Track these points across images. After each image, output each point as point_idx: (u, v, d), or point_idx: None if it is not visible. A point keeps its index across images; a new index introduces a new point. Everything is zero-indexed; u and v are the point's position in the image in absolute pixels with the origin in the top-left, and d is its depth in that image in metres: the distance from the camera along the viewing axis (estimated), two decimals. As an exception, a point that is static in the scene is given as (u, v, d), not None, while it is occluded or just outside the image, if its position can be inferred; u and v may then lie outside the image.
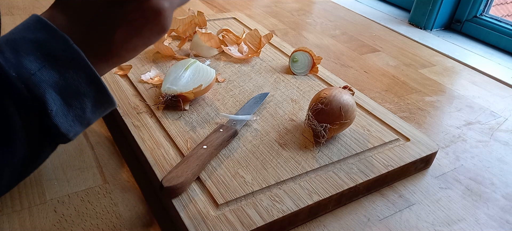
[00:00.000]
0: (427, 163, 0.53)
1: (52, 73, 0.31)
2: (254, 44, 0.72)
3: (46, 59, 0.31)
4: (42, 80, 0.30)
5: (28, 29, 0.32)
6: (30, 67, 0.30)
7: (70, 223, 0.40)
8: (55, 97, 0.31)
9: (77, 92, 0.32)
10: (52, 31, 0.32)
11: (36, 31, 0.32)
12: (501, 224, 0.46)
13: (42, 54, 0.31)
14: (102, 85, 0.34)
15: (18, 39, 0.31)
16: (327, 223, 0.43)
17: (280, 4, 1.11)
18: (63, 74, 0.31)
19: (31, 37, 0.31)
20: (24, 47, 0.31)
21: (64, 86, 0.32)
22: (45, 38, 0.31)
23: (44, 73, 0.31)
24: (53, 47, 0.31)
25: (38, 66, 0.31)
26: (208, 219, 0.38)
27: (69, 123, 0.33)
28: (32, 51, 0.31)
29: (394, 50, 0.90)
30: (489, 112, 0.69)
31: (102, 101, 0.35)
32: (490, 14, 1.03)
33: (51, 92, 0.31)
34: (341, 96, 0.49)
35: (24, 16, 0.83)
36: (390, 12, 1.15)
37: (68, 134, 0.33)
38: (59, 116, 0.32)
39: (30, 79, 0.30)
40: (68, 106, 0.32)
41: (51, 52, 0.31)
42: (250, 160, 0.46)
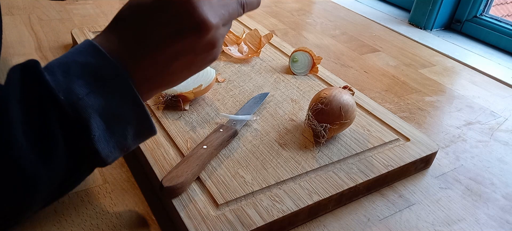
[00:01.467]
0: (427, 163, 0.53)
1: (98, 99, 0.32)
2: (254, 44, 0.72)
3: (95, 85, 0.32)
4: (88, 106, 0.31)
5: (80, 53, 0.33)
6: (78, 92, 0.31)
7: (70, 223, 0.40)
8: (99, 122, 0.32)
9: (121, 119, 0.33)
10: (102, 57, 0.32)
11: (87, 56, 0.32)
12: (501, 224, 0.46)
13: (91, 79, 0.32)
14: (146, 114, 0.34)
15: (70, 62, 0.32)
16: (327, 223, 0.43)
17: (280, 4, 1.11)
18: (109, 101, 0.32)
19: (82, 60, 0.32)
20: (75, 70, 0.32)
21: (109, 113, 0.32)
22: (95, 63, 0.32)
23: (91, 98, 0.31)
24: (102, 73, 0.32)
25: (86, 91, 0.31)
26: (208, 219, 0.38)
27: (109, 149, 0.33)
28: (81, 75, 0.32)
29: (394, 50, 0.90)
30: (489, 112, 0.69)
31: (144, 129, 0.35)
32: (490, 14, 1.03)
33: (96, 117, 0.32)
34: (341, 96, 0.49)
35: (24, 16, 0.83)
36: (390, 12, 1.15)
37: (107, 159, 0.33)
38: (101, 141, 0.32)
39: (77, 103, 0.31)
40: (111, 132, 0.33)
41: (100, 78, 0.32)
42: (250, 160, 0.46)
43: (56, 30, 0.78)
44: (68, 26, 0.81)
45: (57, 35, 0.77)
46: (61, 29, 0.79)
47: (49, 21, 0.82)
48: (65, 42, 0.74)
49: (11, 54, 0.68)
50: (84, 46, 0.33)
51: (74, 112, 0.31)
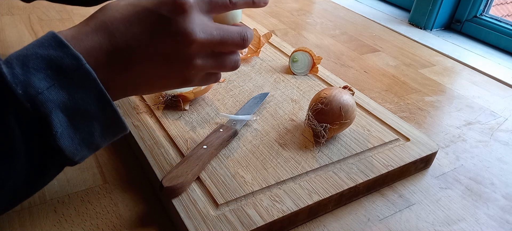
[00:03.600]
0: (427, 163, 0.53)
1: (60, 93, 0.30)
2: (254, 44, 0.72)
3: (56, 78, 0.30)
4: (49, 100, 0.29)
5: (41, 46, 0.31)
6: (38, 86, 0.29)
7: (70, 223, 0.40)
8: (61, 118, 0.30)
9: (86, 114, 0.31)
10: (65, 49, 0.31)
11: (49, 48, 0.31)
12: (501, 224, 0.46)
13: (52, 72, 0.30)
14: (113, 109, 0.32)
15: (30, 55, 0.30)
16: (327, 223, 0.43)
17: (280, 4, 1.11)
18: (72, 95, 0.30)
19: (44, 53, 0.30)
20: (35, 63, 0.30)
21: (72, 108, 0.30)
22: (57, 55, 0.30)
23: (52, 92, 0.30)
24: (64, 66, 0.30)
25: (47, 85, 0.29)
26: (208, 219, 0.38)
27: (74, 146, 0.31)
28: (42, 68, 0.30)
29: (394, 50, 0.90)
30: (489, 112, 0.69)
31: (113, 126, 0.34)
32: (490, 14, 1.03)
33: (57, 113, 0.30)
34: (341, 96, 0.49)
35: (24, 16, 0.83)
36: (390, 12, 1.15)
37: (74, 157, 0.32)
38: (64, 138, 0.30)
39: (36, 98, 0.29)
40: (75, 129, 0.31)
41: (62, 71, 0.30)
42: (250, 160, 0.46)
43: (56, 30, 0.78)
44: (68, 26, 0.81)
45: (57, 35, 0.77)
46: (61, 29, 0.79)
47: (49, 21, 0.82)
48: (65, 42, 0.74)
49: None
50: (46, 38, 0.31)
51: (33, 107, 0.29)
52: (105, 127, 0.33)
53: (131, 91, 0.37)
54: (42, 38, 0.31)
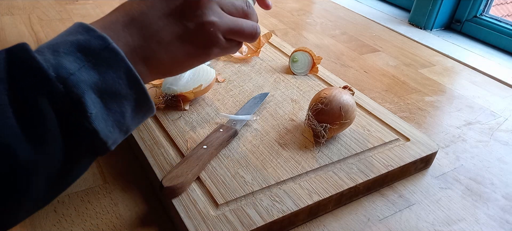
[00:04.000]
0: (427, 163, 0.53)
1: (91, 73, 0.30)
2: (254, 44, 0.71)
3: (86, 59, 0.30)
4: (81, 81, 0.29)
5: (70, 33, 0.32)
6: (69, 67, 0.29)
7: (70, 223, 0.40)
8: (94, 99, 0.30)
9: (117, 94, 0.32)
10: (91, 32, 0.31)
11: (77, 34, 0.32)
12: (501, 224, 0.46)
13: (82, 54, 0.30)
14: (142, 88, 0.33)
15: (60, 42, 0.31)
16: (327, 223, 0.43)
17: (280, 4, 1.11)
18: (102, 75, 0.31)
19: (72, 39, 0.31)
20: (65, 48, 0.30)
21: (104, 88, 0.31)
22: (85, 39, 0.31)
23: (83, 73, 0.30)
24: (92, 47, 0.31)
25: (78, 66, 0.30)
26: (208, 219, 0.38)
27: (108, 128, 0.31)
28: (71, 52, 0.30)
29: (394, 50, 0.90)
30: (489, 112, 0.69)
31: (142, 106, 0.34)
32: (490, 14, 1.03)
33: (90, 93, 0.30)
34: (341, 96, 0.49)
35: (24, 16, 0.83)
36: (390, 12, 1.15)
37: (107, 140, 0.31)
38: (99, 120, 0.30)
39: (69, 79, 0.29)
40: (107, 109, 0.31)
41: (90, 52, 0.31)
42: (250, 160, 0.46)
43: (56, 30, 0.78)
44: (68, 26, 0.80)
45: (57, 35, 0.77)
46: (61, 29, 0.79)
47: (49, 21, 0.82)
48: (65, 42, 0.74)
49: (11, 54, 0.68)
50: (74, 27, 0.33)
51: (66, 89, 0.29)
52: (135, 107, 0.33)
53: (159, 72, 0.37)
54: (70, 28, 0.33)
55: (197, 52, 0.37)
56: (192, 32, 0.36)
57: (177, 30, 0.36)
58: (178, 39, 0.36)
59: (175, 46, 0.36)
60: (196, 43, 0.37)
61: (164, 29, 0.35)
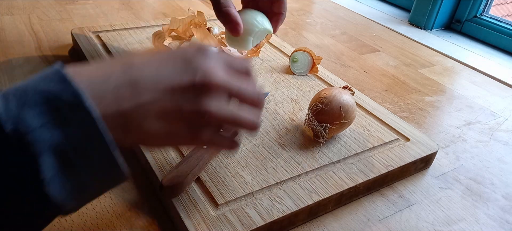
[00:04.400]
0: (427, 163, 0.53)
1: (54, 132, 0.26)
2: (254, 44, 0.71)
3: (51, 115, 0.26)
4: (40, 139, 0.26)
5: (44, 79, 0.28)
6: (30, 123, 0.26)
7: (70, 223, 0.40)
8: (52, 162, 0.26)
9: (82, 158, 0.28)
10: (66, 83, 0.27)
11: (51, 82, 0.27)
12: (501, 224, 0.46)
13: (49, 109, 0.26)
14: (112, 156, 0.29)
15: (30, 89, 0.27)
16: (327, 223, 0.43)
17: (280, 4, 1.11)
18: (67, 135, 0.27)
19: (43, 87, 0.27)
20: (32, 98, 0.26)
21: (66, 150, 0.27)
22: (57, 90, 0.27)
23: (45, 131, 0.26)
24: (62, 102, 0.27)
25: (40, 122, 0.26)
26: (208, 219, 0.38)
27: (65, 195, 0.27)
28: (38, 104, 0.26)
29: (394, 50, 0.90)
30: (489, 112, 0.69)
31: (111, 173, 0.30)
32: (490, 14, 1.03)
33: (48, 155, 0.26)
34: (341, 96, 0.49)
35: (24, 16, 0.83)
36: (390, 12, 1.15)
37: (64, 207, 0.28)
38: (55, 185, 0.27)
39: (26, 136, 0.25)
40: (67, 174, 0.27)
41: (59, 108, 0.27)
42: (250, 160, 0.46)
43: (56, 30, 0.78)
44: (68, 26, 0.81)
45: (57, 35, 0.77)
46: (61, 29, 0.79)
47: (49, 21, 0.82)
48: (65, 42, 0.74)
49: (11, 54, 0.68)
50: (51, 71, 0.28)
51: (21, 147, 0.25)
52: (102, 174, 0.29)
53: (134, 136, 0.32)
54: (48, 70, 0.29)
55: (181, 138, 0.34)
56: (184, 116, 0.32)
57: (169, 107, 0.32)
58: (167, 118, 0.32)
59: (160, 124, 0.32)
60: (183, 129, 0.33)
61: (157, 102, 0.31)
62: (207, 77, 0.33)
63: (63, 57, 0.69)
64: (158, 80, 0.32)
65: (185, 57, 0.33)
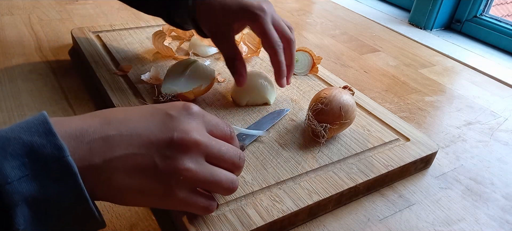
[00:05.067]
0: (427, 163, 0.53)
1: (32, 184, 0.27)
2: (253, 44, 0.72)
3: (31, 168, 0.27)
4: (17, 191, 0.26)
5: (28, 130, 0.28)
6: (9, 174, 0.26)
7: (70, 223, 0.39)
8: (26, 213, 0.27)
9: (58, 209, 0.28)
10: (50, 137, 0.28)
11: (35, 134, 0.28)
12: (501, 224, 0.46)
13: (30, 161, 0.27)
14: (90, 207, 0.29)
15: (13, 138, 0.28)
16: (327, 223, 0.43)
17: (280, 4, 1.11)
18: (44, 188, 0.27)
19: (27, 139, 0.28)
20: (14, 148, 0.27)
21: (42, 202, 0.27)
22: (40, 143, 0.28)
23: (23, 184, 0.27)
24: (44, 155, 0.27)
25: (19, 175, 0.27)
26: (208, 219, 0.38)
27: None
28: (19, 155, 0.27)
29: (394, 50, 0.90)
30: (489, 112, 0.69)
31: (87, 222, 0.30)
32: (490, 14, 1.03)
33: (23, 206, 0.27)
34: (341, 96, 0.49)
35: (24, 16, 0.83)
36: (390, 12, 1.15)
37: None
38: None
39: (3, 187, 0.26)
40: (40, 224, 0.28)
41: (39, 161, 0.27)
42: (250, 160, 0.46)
43: (56, 30, 0.78)
44: (68, 26, 0.81)
45: (57, 35, 0.77)
46: (61, 29, 0.79)
47: (49, 21, 0.82)
48: (65, 42, 0.74)
49: (11, 54, 0.68)
50: (36, 121, 0.29)
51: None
52: (78, 224, 0.30)
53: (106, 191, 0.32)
54: (33, 119, 0.29)
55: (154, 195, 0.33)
56: (158, 172, 0.32)
57: (142, 163, 0.32)
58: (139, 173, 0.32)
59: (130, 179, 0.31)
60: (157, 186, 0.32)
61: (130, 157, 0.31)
62: (186, 135, 0.33)
63: (63, 57, 0.69)
64: (134, 136, 0.32)
65: (168, 114, 0.34)
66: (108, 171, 0.31)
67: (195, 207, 0.35)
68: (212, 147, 0.34)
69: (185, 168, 0.32)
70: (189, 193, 0.34)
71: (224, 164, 0.36)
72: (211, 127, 0.36)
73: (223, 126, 0.37)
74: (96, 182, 0.30)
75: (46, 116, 0.29)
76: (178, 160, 0.32)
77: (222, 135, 0.37)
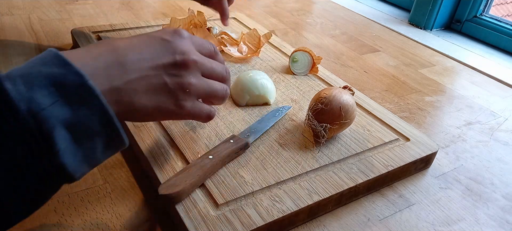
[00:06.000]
0: (427, 163, 0.53)
1: (64, 109, 0.30)
2: (253, 44, 0.72)
3: (59, 95, 0.30)
4: (52, 116, 0.29)
5: (44, 64, 0.31)
6: (41, 102, 0.29)
7: (70, 223, 0.40)
8: (64, 135, 0.30)
9: (88, 131, 0.31)
10: (68, 66, 0.31)
11: (52, 66, 0.31)
12: (501, 224, 0.46)
13: (56, 89, 0.30)
14: (115, 126, 0.33)
15: (34, 72, 0.30)
16: (327, 223, 0.43)
17: (280, 4, 1.11)
18: (75, 111, 0.30)
19: (47, 71, 0.30)
20: (39, 80, 0.30)
21: (75, 124, 0.30)
22: (60, 73, 0.30)
23: (55, 108, 0.29)
24: (67, 82, 0.30)
25: (50, 101, 0.29)
26: (208, 219, 0.38)
27: (76, 163, 0.31)
28: (45, 85, 0.30)
29: (394, 50, 0.90)
30: (489, 112, 0.69)
31: (114, 141, 0.34)
32: (490, 14, 1.03)
33: (60, 129, 0.29)
34: (341, 96, 0.49)
35: (24, 16, 0.83)
36: (390, 12, 1.15)
37: (75, 174, 0.31)
38: (67, 155, 0.30)
39: (39, 113, 0.28)
40: (77, 145, 0.31)
41: (65, 88, 0.30)
42: (250, 160, 0.46)
43: (56, 30, 0.78)
44: (68, 26, 0.81)
45: (57, 35, 0.77)
46: (61, 29, 0.79)
47: (49, 21, 0.83)
48: (65, 42, 0.74)
49: (11, 54, 0.68)
50: (48, 56, 0.32)
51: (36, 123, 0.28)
52: (106, 142, 0.33)
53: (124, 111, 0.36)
54: (44, 56, 0.32)
55: (168, 109, 0.38)
56: (169, 89, 0.38)
57: (156, 83, 0.37)
58: (154, 91, 0.37)
59: (148, 97, 0.37)
60: (169, 100, 0.38)
61: (144, 79, 0.36)
62: (186, 56, 0.39)
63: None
64: (142, 60, 0.37)
65: (164, 39, 0.39)
66: (128, 92, 0.36)
67: (200, 114, 0.42)
68: (205, 64, 0.41)
69: (189, 82, 0.39)
70: (194, 103, 0.40)
71: (216, 77, 0.43)
72: (199, 47, 0.42)
73: (207, 45, 0.43)
74: (118, 103, 0.35)
75: (56, 50, 0.32)
76: (183, 77, 0.38)
77: (209, 53, 0.43)
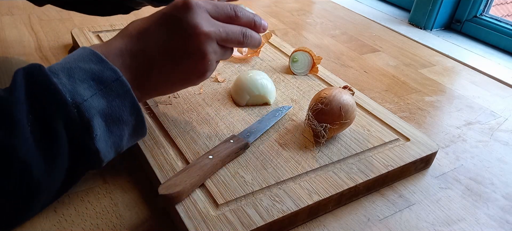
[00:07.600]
0: (427, 163, 0.53)
1: (101, 101, 0.34)
2: (254, 44, 0.71)
3: (98, 88, 0.34)
4: (92, 107, 0.33)
5: (82, 60, 0.36)
6: (83, 94, 0.33)
7: (70, 223, 0.40)
8: (100, 123, 0.34)
9: (119, 120, 0.36)
10: (104, 63, 0.36)
11: (89, 62, 0.35)
12: (501, 224, 0.46)
13: (95, 83, 0.34)
14: (142, 116, 0.37)
15: (74, 67, 0.35)
16: (327, 223, 0.43)
17: (280, 4, 1.11)
18: (110, 103, 0.35)
19: (86, 67, 0.35)
20: (79, 75, 0.34)
21: (109, 114, 0.35)
22: (98, 69, 0.35)
23: (94, 100, 0.34)
24: (104, 77, 0.35)
25: (90, 94, 0.34)
26: (208, 219, 0.38)
27: (107, 148, 0.35)
28: (86, 79, 0.34)
29: (394, 50, 0.90)
30: (489, 112, 0.69)
31: (138, 130, 0.38)
32: (490, 14, 1.03)
33: (97, 118, 0.34)
34: (341, 96, 0.49)
35: (24, 16, 0.83)
36: (390, 12, 1.15)
37: (104, 158, 0.36)
38: (101, 141, 0.34)
39: (82, 104, 0.33)
40: (109, 132, 0.35)
41: (102, 82, 0.35)
42: (250, 160, 0.46)
43: (56, 30, 0.78)
44: (68, 26, 0.81)
45: (57, 35, 0.77)
46: (61, 29, 0.79)
47: (49, 21, 0.82)
48: (65, 42, 0.74)
49: (11, 54, 0.68)
50: (85, 53, 0.36)
51: (79, 113, 0.33)
52: (132, 131, 0.38)
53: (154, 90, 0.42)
54: (81, 53, 0.36)
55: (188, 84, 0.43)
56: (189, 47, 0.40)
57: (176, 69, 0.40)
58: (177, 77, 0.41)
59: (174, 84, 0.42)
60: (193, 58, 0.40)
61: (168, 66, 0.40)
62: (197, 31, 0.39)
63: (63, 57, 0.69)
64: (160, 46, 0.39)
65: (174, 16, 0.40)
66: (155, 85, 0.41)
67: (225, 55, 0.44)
68: (219, 33, 0.41)
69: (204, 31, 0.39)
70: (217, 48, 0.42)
71: (231, 43, 0.43)
72: (214, 13, 0.42)
73: (223, 8, 0.43)
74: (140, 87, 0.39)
75: (91, 48, 0.37)
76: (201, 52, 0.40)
77: (226, 16, 0.43)
